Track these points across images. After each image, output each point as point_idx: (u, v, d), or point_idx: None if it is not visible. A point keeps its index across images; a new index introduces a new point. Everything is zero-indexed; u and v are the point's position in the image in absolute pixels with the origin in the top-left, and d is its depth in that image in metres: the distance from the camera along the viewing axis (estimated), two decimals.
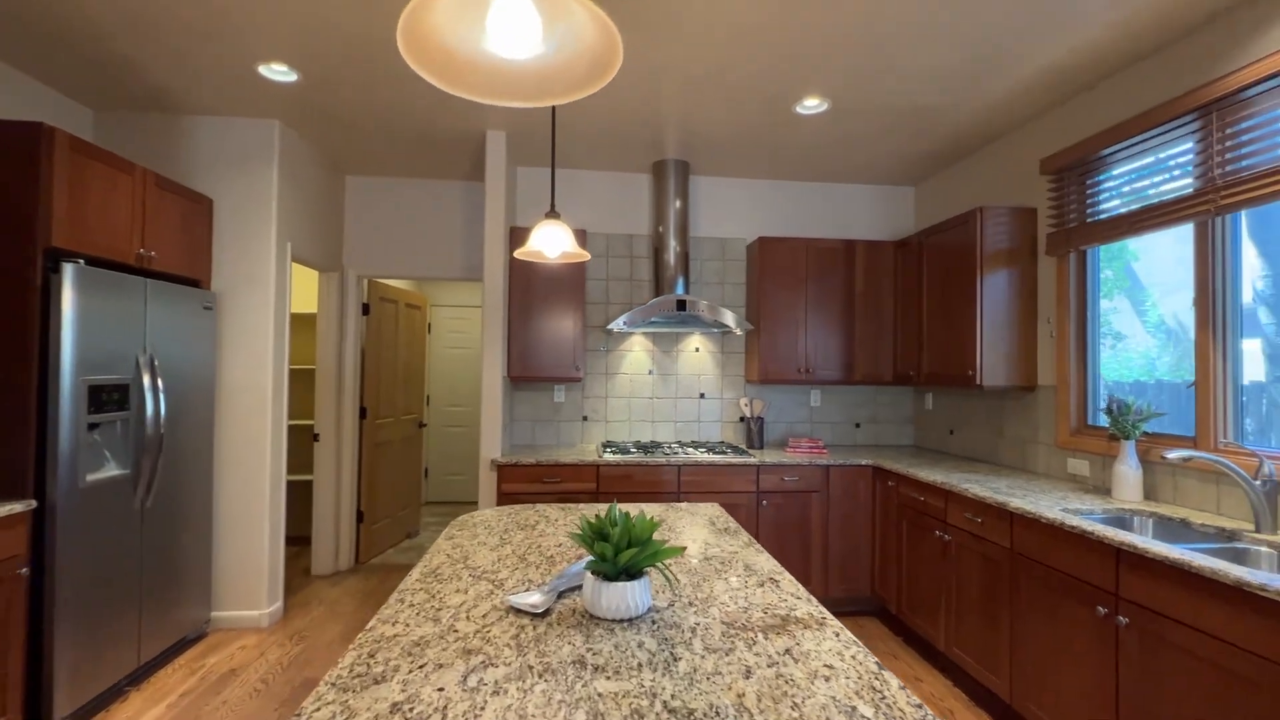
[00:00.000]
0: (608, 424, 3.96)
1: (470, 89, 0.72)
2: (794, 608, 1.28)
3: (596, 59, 0.67)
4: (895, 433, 4.19)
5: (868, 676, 0.99)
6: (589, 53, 0.67)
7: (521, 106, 0.59)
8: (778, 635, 1.15)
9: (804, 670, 1.01)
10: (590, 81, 0.71)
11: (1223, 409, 2.23)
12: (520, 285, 3.57)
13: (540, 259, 2.00)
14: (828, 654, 1.07)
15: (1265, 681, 1.48)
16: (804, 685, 0.96)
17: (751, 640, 1.12)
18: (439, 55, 0.69)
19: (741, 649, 1.08)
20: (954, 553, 2.71)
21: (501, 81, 0.72)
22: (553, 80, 0.71)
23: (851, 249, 3.82)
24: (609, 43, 0.66)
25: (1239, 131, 2.12)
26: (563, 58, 0.69)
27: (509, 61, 0.71)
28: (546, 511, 2.09)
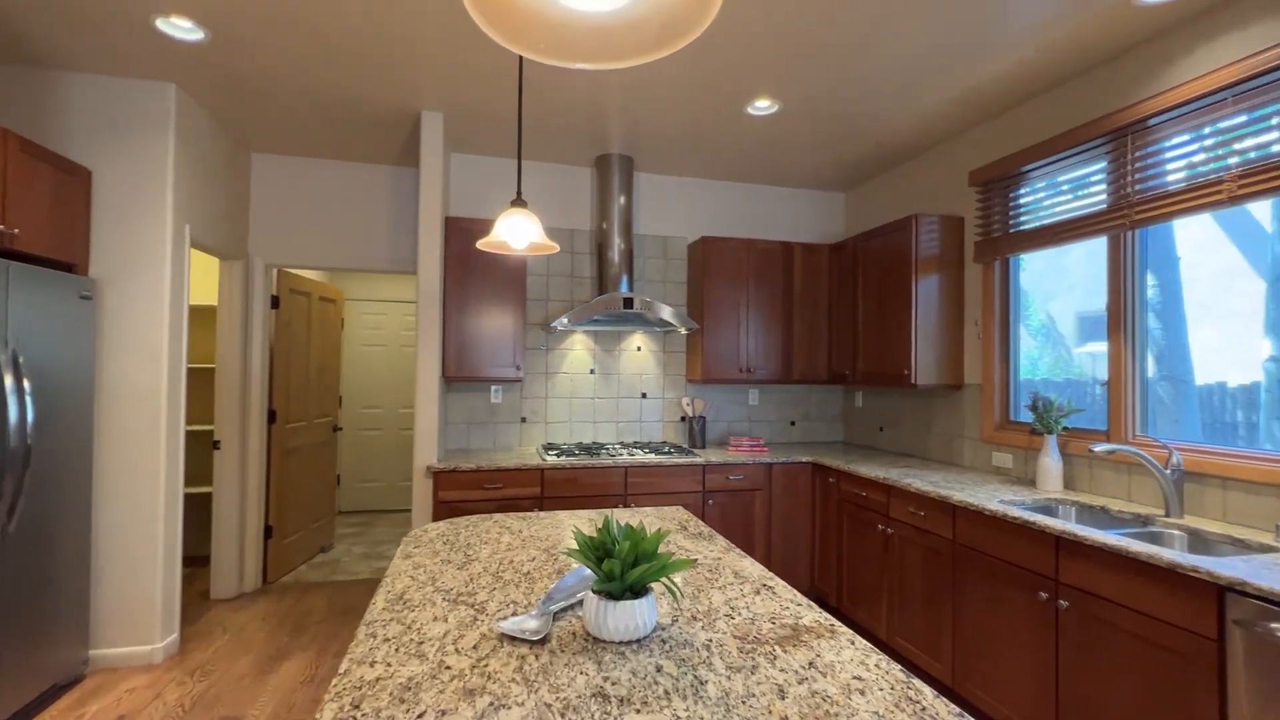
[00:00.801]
0: (548, 425, 3.82)
1: (539, 49, 0.61)
2: (799, 616, 1.24)
3: (682, 8, 0.58)
4: (826, 430, 4.34)
5: (900, 686, 0.97)
6: (674, 2, 0.58)
7: (595, 69, 0.51)
8: (794, 647, 1.10)
9: (835, 685, 0.97)
10: (675, 37, 0.62)
11: (1133, 406, 2.46)
12: (457, 280, 3.36)
13: (505, 250, 1.86)
14: (851, 664, 1.04)
15: (1188, 650, 1.62)
16: (842, 702, 0.92)
17: (771, 655, 1.07)
18: (504, 7, 0.57)
19: (765, 665, 1.03)
20: (896, 545, 2.82)
21: (574, 39, 0.62)
22: (635, 35, 0.61)
23: (790, 251, 3.91)
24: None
25: (1147, 155, 2.34)
26: (645, 9, 0.59)
27: (584, 15, 0.60)
28: (506, 522, 1.95)
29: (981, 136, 3.14)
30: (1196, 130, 2.18)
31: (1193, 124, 2.18)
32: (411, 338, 5.90)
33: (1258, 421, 2.46)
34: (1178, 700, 1.66)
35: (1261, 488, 1.99)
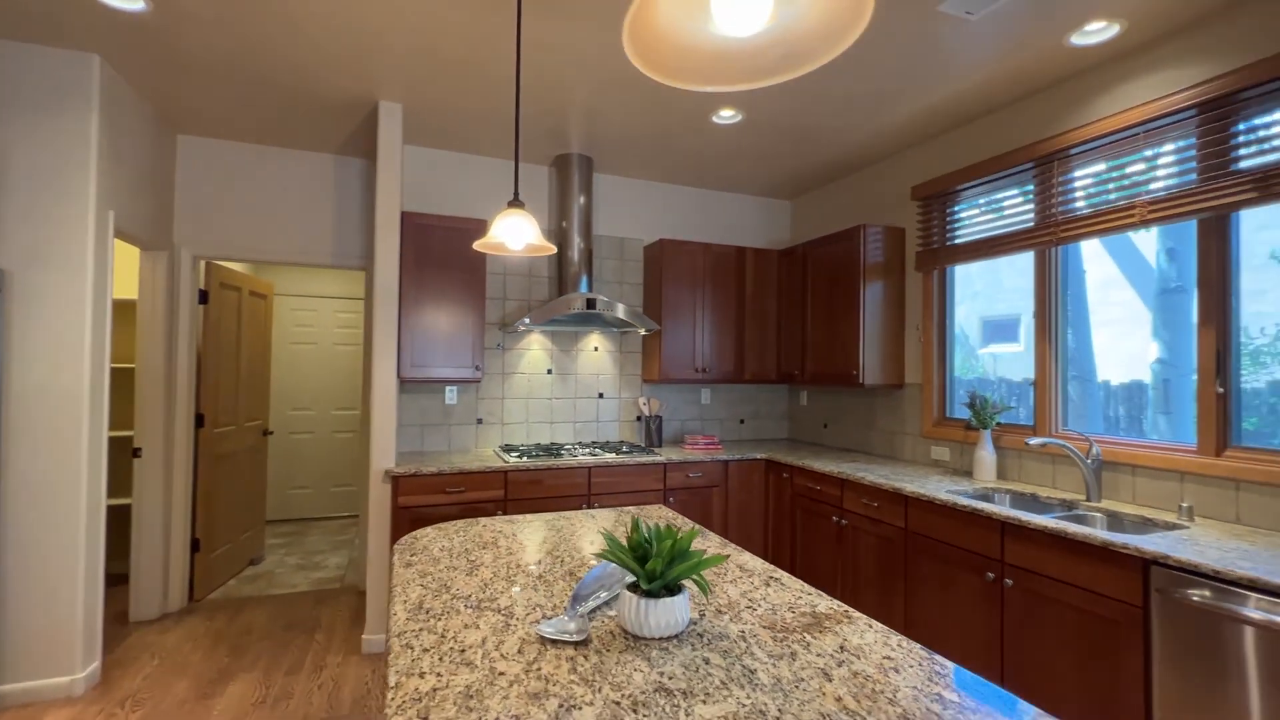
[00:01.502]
0: (504, 426, 3.76)
1: (703, 79, 0.64)
2: (814, 604, 1.33)
3: (836, 18, 0.62)
4: (773, 427, 4.53)
5: (926, 662, 1.06)
6: (826, 13, 0.62)
7: (754, 88, 0.52)
8: (821, 633, 1.18)
9: (871, 665, 1.05)
10: (830, 46, 0.65)
11: (1056, 403, 2.75)
12: (412, 278, 3.24)
13: (502, 251, 1.83)
14: (877, 645, 1.13)
15: (1118, 617, 1.85)
16: (881, 680, 1.00)
17: (804, 642, 1.14)
18: (667, 53, 0.59)
19: (802, 652, 1.10)
20: (850, 535, 3.01)
21: (731, 64, 0.64)
22: (790, 49, 0.65)
23: (743, 255, 4.05)
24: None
25: (1071, 179, 2.62)
26: (798, 24, 0.63)
27: (738, 41, 0.63)
28: (495, 526, 1.93)
29: (923, 155, 3.40)
30: (1114, 159, 2.47)
31: (1111, 154, 2.47)
32: (346, 335, 5.61)
33: (1145, 416, 2.84)
34: (1109, 660, 1.89)
35: (1164, 473, 2.29)
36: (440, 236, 3.29)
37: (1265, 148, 2.05)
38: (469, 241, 3.35)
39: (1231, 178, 2.10)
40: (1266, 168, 2.01)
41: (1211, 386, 2.21)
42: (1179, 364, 2.76)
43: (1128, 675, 1.84)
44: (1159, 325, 2.87)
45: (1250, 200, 2.04)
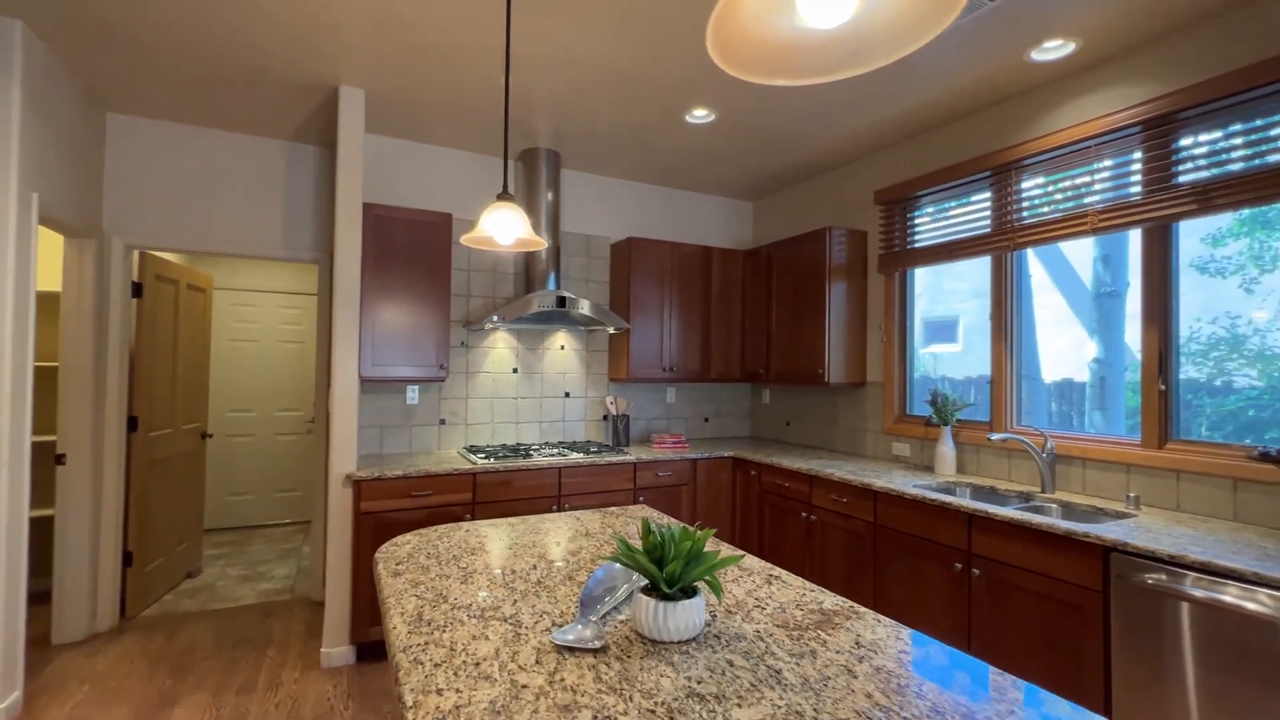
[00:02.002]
0: (468, 427, 3.65)
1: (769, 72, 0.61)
2: (820, 601, 1.34)
3: (918, 15, 0.61)
4: (736, 425, 4.59)
5: (936, 653, 1.09)
6: (910, 9, 0.60)
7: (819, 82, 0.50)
8: (834, 630, 1.19)
9: (890, 659, 1.07)
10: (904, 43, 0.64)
11: (1012, 400, 2.89)
12: (374, 273, 3.10)
13: (491, 246, 1.76)
14: (890, 639, 1.14)
15: (1079, 602, 1.96)
16: (904, 674, 1.02)
17: (820, 639, 1.15)
18: (753, 51, 0.57)
19: (820, 650, 1.10)
20: (819, 530, 3.07)
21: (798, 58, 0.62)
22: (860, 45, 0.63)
23: (709, 255, 4.08)
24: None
25: (1030, 187, 2.77)
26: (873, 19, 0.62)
27: (811, 34, 0.61)
28: (478, 530, 1.86)
29: (886, 160, 3.51)
30: (1067, 170, 2.62)
31: (1064, 165, 2.62)
32: (291, 333, 5.31)
33: (1083, 411, 3.03)
34: (1071, 644, 2.00)
35: (1112, 466, 2.45)
36: (403, 230, 3.16)
37: (1200, 164, 2.22)
38: (434, 236, 3.23)
39: (1172, 191, 2.26)
40: (1204, 182, 2.17)
41: (1155, 384, 2.37)
42: (1113, 363, 2.95)
43: (1089, 656, 1.95)
44: (1094, 326, 3.07)
45: (1191, 212, 2.20)
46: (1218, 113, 2.17)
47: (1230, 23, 2.15)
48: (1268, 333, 2.38)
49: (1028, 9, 2.17)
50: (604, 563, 1.55)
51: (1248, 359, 2.41)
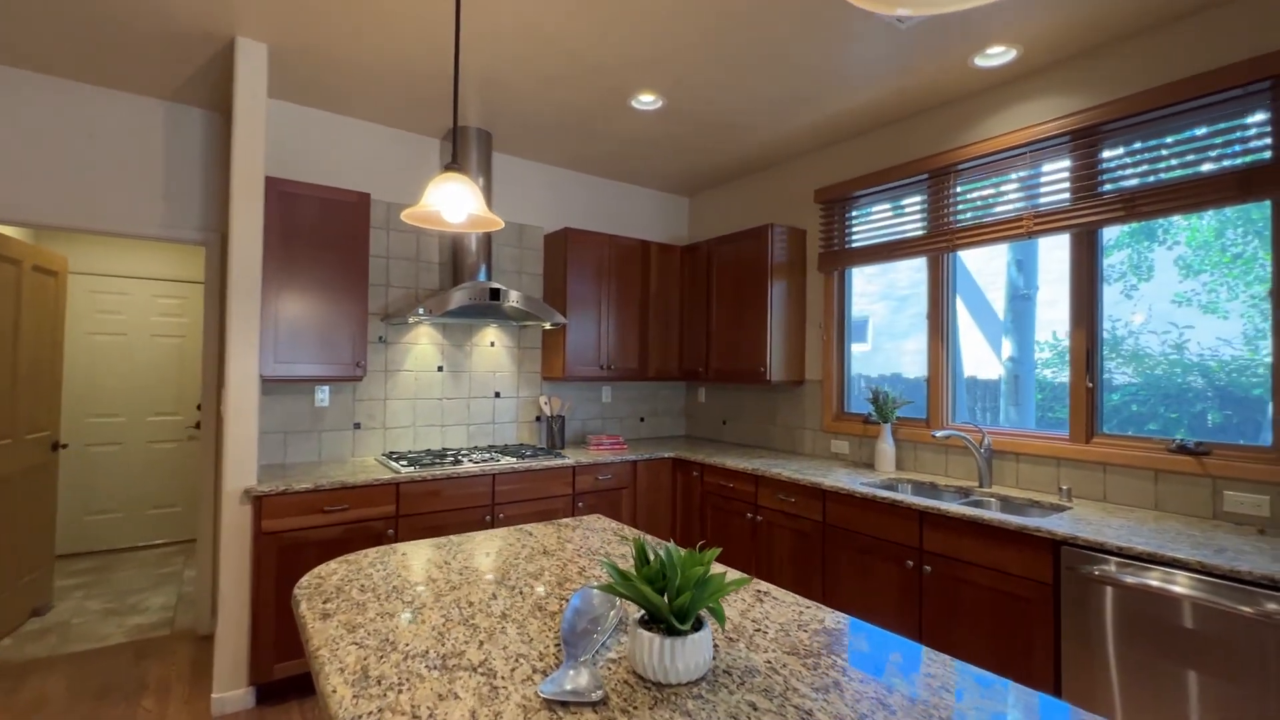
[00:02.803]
0: (386, 431, 3.30)
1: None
2: (821, 619, 1.23)
3: None
4: (671, 424, 4.50)
5: (964, 674, 1.00)
6: None
7: (939, 12, 0.39)
8: (844, 652, 1.08)
9: (920, 686, 0.97)
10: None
11: (948, 398, 2.97)
12: (277, 258, 2.71)
13: (437, 224, 1.52)
14: (910, 661, 1.05)
15: (1030, 594, 2.00)
16: (939, 703, 0.92)
17: (838, 667, 1.03)
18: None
19: (844, 680, 0.99)
20: (765, 531, 3.02)
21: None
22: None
23: (647, 249, 3.95)
24: None
25: (964, 191, 2.84)
26: None
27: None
28: (420, 553, 1.61)
29: (826, 159, 3.52)
30: (1004, 174, 2.71)
31: (1002, 169, 2.71)
32: (168, 325, 4.64)
33: (998, 406, 3.19)
34: (1023, 636, 2.04)
35: (1044, 459, 2.56)
36: (314, 210, 2.79)
37: (1120, 175, 2.35)
38: (350, 218, 2.88)
39: (1101, 198, 2.38)
40: (1131, 190, 2.30)
41: (1083, 381, 2.49)
42: (1025, 361, 3.11)
43: (1040, 647, 1.99)
44: (1009, 326, 3.23)
45: (1119, 218, 2.32)
46: (1141, 125, 2.30)
47: (1151, 43, 2.28)
48: (1140, 334, 2.58)
49: (977, 14, 2.20)
50: (578, 588, 1.37)
51: (1124, 358, 2.61)
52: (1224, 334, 2.40)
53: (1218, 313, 2.45)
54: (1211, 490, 2.12)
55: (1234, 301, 2.35)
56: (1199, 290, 2.47)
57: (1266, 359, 2.18)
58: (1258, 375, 2.23)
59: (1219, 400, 2.38)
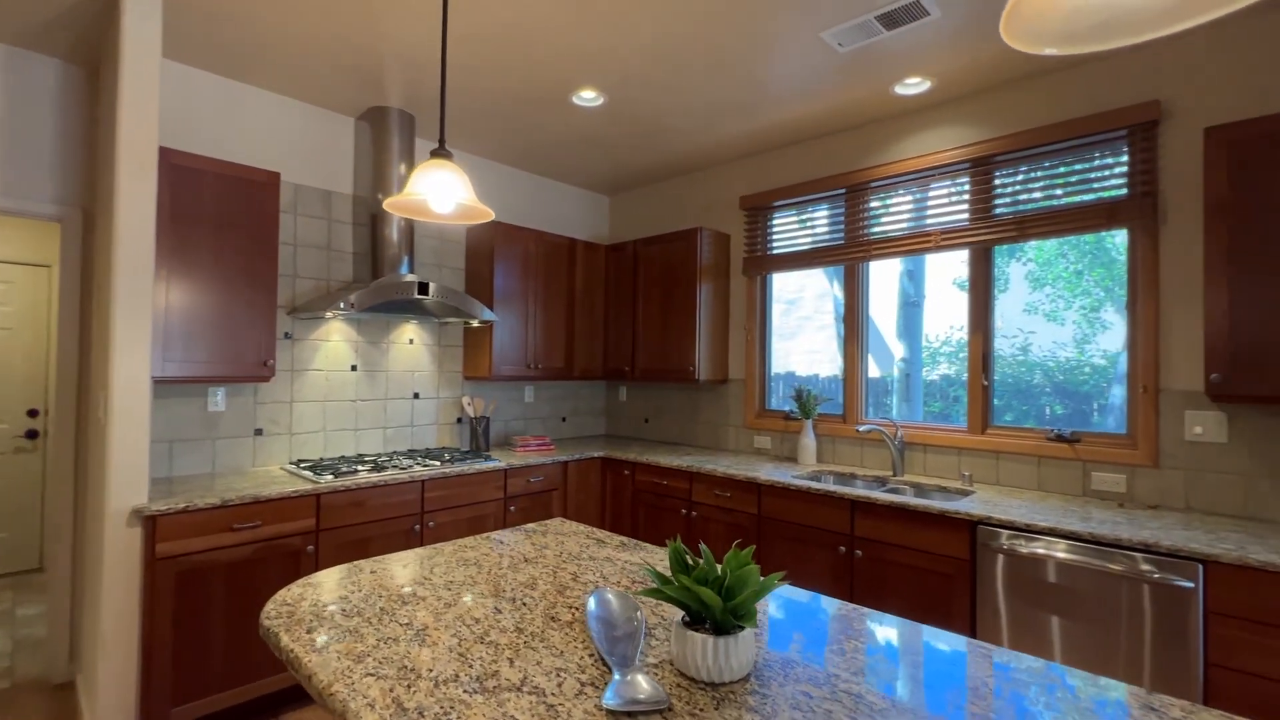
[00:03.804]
0: (293, 437, 2.99)
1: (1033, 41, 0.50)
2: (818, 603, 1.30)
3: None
4: (593, 424, 4.48)
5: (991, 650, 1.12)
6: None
7: (1073, 53, 0.43)
8: (858, 635, 1.16)
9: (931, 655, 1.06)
10: (1171, 19, 0.57)
11: (862, 395, 3.24)
12: (170, 241, 2.36)
13: (423, 215, 1.40)
14: (910, 635, 1.15)
15: (950, 571, 2.25)
16: (957, 672, 1.02)
17: (855, 648, 1.10)
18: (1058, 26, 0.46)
19: (873, 660, 1.06)
20: (699, 526, 3.11)
21: (1046, 24, 0.52)
22: (1111, 16, 0.55)
23: (573, 247, 3.90)
24: None
25: (880, 205, 3.11)
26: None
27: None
28: (387, 569, 1.49)
29: (752, 167, 3.69)
30: (915, 192, 2.99)
31: (913, 187, 3.00)
32: (10, 316, 3.86)
33: (891, 402, 3.53)
34: (943, 608, 2.28)
35: (947, 450, 2.87)
36: (214, 188, 2.45)
37: (1008, 200, 2.70)
38: (258, 199, 2.57)
39: (995, 220, 2.72)
40: (1023, 214, 2.64)
41: (980, 380, 2.83)
42: (915, 361, 3.48)
43: (957, 615, 2.24)
44: (901, 331, 3.60)
45: (1013, 238, 2.66)
46: (1030, 158, 2.66)
47: (1041, 87, 2.64)
48: (995, 338, 3.00)
49: (902, 46, 2.42)
50: (579, 595, 1.34)
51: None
52: (1060, 339, 2.84)
53: (1057, 320, 2.90)
54: (1082, 472, 2.51)
55: (1069, 311, 2.79)
56: (1043, 300, 2.90)
57: (1093, 360, 2.62)
58: (1084, 374, 2.67)
59: (1057, 395, 2.81)
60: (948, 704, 0.92)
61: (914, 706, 0.91)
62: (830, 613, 1.28)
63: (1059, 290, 2.89)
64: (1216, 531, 1.96)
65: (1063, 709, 0.91)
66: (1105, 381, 2.69)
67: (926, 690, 0.96)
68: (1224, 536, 1.90)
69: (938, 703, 0.93)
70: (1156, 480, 2.34)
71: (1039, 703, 0.93)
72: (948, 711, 0.90)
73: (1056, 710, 0.91)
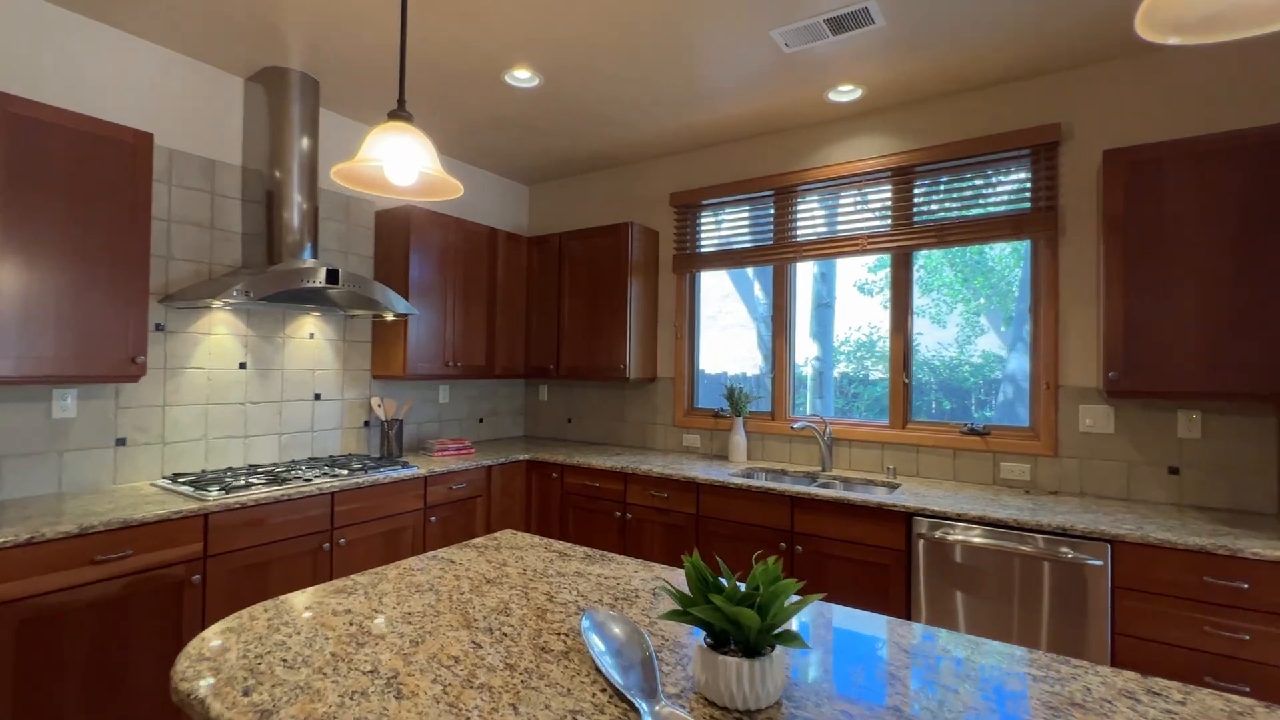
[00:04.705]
0: (166, 447, 2.54)
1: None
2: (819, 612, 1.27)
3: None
4: (511, 425, 4.26)
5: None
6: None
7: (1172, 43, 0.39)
8: (884, 647, 1.13)
9: (943, 652, 1.05)
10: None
11: (790, 393, 3.31)
12: (5, 207, 1.90)
13: (379, 188, 1.18)
14: (913, 636, 1.14)
15: (888, 561, 2.34)
16: (969, 673, 1.01)
17: (870, 657, 1.07)
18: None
19: (892, 669, 1.03)
20: (634, 528, 3.03)
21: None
22: (1222, 10, 0.52)
23: (494, 238, 3.67)
24: None
25: (801, 209, 3.20)
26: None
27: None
28: (325, 603, 1.26)
29: (681, 164, 3.65)
30: (844, 196, 3.10)
31: (842, 191, 3.10)
32: None
33: (805, 399, 3.68)
34: (880, 597, 2.37)
35: (871, 444, 3.00)
36: (70, 147, 2.01)
37: (930, 209, 2.87)
38: (125, 163, 2.14)
39: (913, 227, 2.87)
40: (941, 222, 2.82)
41: (901, 378, 2.98)
42: (827, 359, 3.64)
43: (895, 603, 2.33)
44: (815, 330, 3.75)
45: (933, 244, 2.83)
46: (947, 169, 2.84)
47: (957, 104, 2.82)
48: (887, 338, 3.22)
49: (841, 53, 2.48)
50: (561, 620, 1.21)
51: (877, 358, 3.24)
52: (944, 340, 3.09)
53: (941, 323, 3.15)
54: (992, 462, 2.71)
55: (951, 314, 3.04)
56: (930, 305, 3.14)
57: (972, 359, 2.87)
58: (963, 372, 2.92)
59: (944, 391, 3.05)
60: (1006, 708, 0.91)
61: (934, 708, 0.89)
62: (837, 618, 1.24)
63: (942, 295, 3.13)
64: (1114, 514, 2.19)
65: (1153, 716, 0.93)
66: (982, 379, 2.95)
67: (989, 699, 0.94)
68: (1122, 518, 2.12)
69: (1009, 711, 0.91)
70: (1056, 468, 2.58)
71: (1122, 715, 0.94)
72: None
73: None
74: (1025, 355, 2.75)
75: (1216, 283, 2.07)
